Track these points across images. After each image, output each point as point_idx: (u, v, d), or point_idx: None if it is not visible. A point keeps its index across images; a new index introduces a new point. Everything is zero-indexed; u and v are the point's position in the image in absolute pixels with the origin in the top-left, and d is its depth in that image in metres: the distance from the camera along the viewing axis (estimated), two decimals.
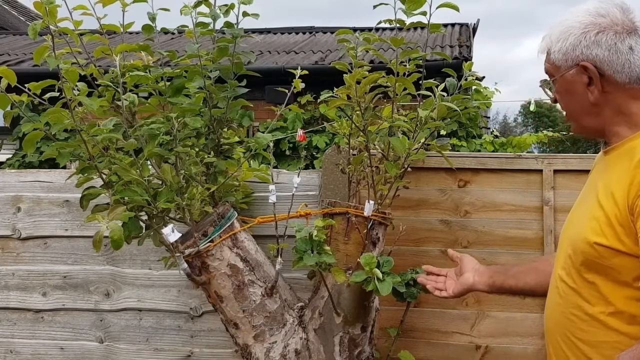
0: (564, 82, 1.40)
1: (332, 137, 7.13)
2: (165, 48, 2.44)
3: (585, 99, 1.38)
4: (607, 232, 1.26)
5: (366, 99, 2.04)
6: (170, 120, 1.99)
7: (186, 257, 1.99)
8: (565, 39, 1.37)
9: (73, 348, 2.60)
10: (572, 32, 1.36)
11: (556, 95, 1.45)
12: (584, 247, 1.31)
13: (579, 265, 1.34)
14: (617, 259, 1.26)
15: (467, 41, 8.81)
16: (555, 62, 1.40)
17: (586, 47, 1.34)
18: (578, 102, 1.39)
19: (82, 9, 1.93)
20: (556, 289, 1.42)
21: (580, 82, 1.37)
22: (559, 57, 1.39)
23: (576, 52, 1.35)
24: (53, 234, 2.62)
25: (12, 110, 1.97)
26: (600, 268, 1.29)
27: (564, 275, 1.39)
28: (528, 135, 7.89)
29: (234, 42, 2.09)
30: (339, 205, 2.10)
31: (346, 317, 2.06)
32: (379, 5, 1.98)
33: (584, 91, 1.37)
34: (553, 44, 1.40)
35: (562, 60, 1.38)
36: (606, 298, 1.30)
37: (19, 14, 14.70)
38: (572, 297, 1.36)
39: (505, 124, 38.67)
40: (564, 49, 1.37)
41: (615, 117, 1.37)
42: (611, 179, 1.31)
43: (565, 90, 1.41)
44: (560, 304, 1.40)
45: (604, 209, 1.29)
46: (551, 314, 1.45)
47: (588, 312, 1.33)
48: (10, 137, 8.13)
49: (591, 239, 1.29)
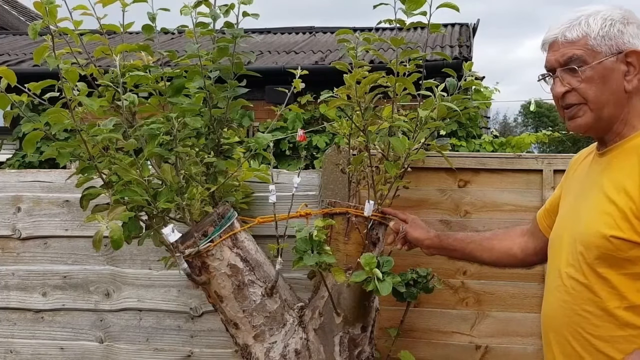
0: (602, 68, 1.37)
1: (332, 137, 7.13)
2: (165, 48, 2.44)
3: (620, 87, 1.37)
4: (623, 225, 1.29)
5: (366, 99, 2.05)
6: (170, 120, 1.99)
7: (186, 257, 1.99)
8: (611, 25, 1.37)
9: (73, 348, 2.60)
10: (615, 20, 1.37)
11: (580, 85, 1.39)
12: (599, 242, 1.32)
13: (592, 261, 1.35)
14: (634, 250, 1.28)
15: (467, 41, 8.82)
16: (596, 47, 1.37)
17: (631, 36, 1.36)
18: (612, 90, 1.38)
19: (82, 9, 1.93)
20: (562, 287, 1.42)
21: (619, 70, 1.37)
22: (601, 42, 1.37)
23: (624, 39, 1.36)
24: (53, 234, 2.62)
25: (12, 110, 1.97)
26: (615, 261, 1.31)
27: (572, 272, 1.39)
28: (527, 135, 7.88)
29: (234, 42, 2.09)
30: (339, 205, 2.10)
31: (346, 317, 2.06)
32: (379, 5, 1.98)
33: (621, 79, 1.37)
34: (593, 30, 1.37)
35: (606, 46, 1.37)
36: (620, 292, 1.31)
37: (19, 14, 14.70)
38: (584, 293, 1.37)
39: (505, 124, 38.68)
40: (611, 34, 1.36)
41: (629, 112, 1.39)
42: (619, 176, 1.34)
43: (600, 77, 1.38)
44: (569, 301, 1.40)
45: (617, 203, 1.31)
46: (556, 313, 1.45)
47: (602, 307, 1.34)
48: (10, 137, 8.14)
49: (607, 232, 1.31)
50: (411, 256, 2.41)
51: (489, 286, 2.41)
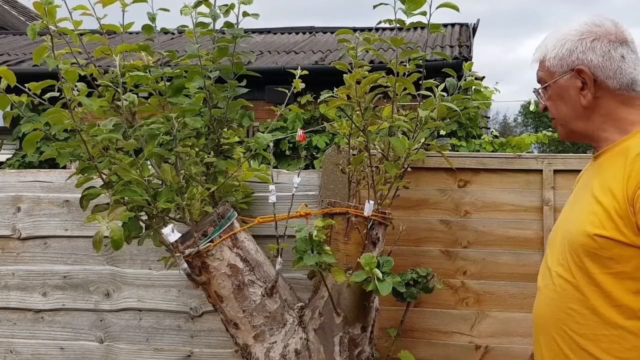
0: (558, 87, 1.47)
1: (332, 137, 7.13)
2: (165, 48, 2.44)
3: (577, 103, 1.45)
4: (607, 224, 1.32)
5: (366, 99, 2.05)
6: (170, 120, 1.99)
7: (186, 257, 1.99)
8: (561, 45, 1.45)
9: (73, 348, 2.60)
10: (568, 39, 1.44)
11: (547, 103, 1.51)
12: (583, 240, 1.35)
13: (579, 260, 1.37)
14: (617, 249, 1.31)
15: (467, 41, 8.81)
16: (550, 68, 1.47)
17: (582, 52, 1.42)
18: (570, 106, 1.46)
19: (81, 9, 1.93)
20: (551, 286, 1.45)
21: (573, 86, 1.44)
22: (554, 63, 1.46)
23: (572, 57, 1.43)
24: (53, 234, 2.62)
25: (12, 111, 1.97)
26: (600, 260, 1.33)
27: (561, 271, 1.42)
28: (527, 135, 7.88)
29: (234, 42, 2.09)
30: (339, 205, 2.10)
31: (346, 317, 2.06)
32: (379, 5, 1.98)
33: (577, 95, 1.44)
34: (549, 51, 1.47)
35: (558, 66, 1.45)
36: (605, 291, 1.33)
37: (19, 14, 14.69)
38: (571, 292, 1.39)
39: (505, 124, 38.66)
40: (560, 55, 1.45)
41: (605, 122, 1.44)
42: (606, 177, 1.37)
43: (557, 95, 1.47)
44: (555, 299, 1.43)
45: (602, 203, 1.34)
46: (543, 311, 1.48)
47: (587, 305, 1.36)
48: (10, 137, 8.13)
49: (590, 231, 1.34)
50: (411, 256, 2.42)
51: (489, 286, 2.41)
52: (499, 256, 2.41)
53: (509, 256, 2.40)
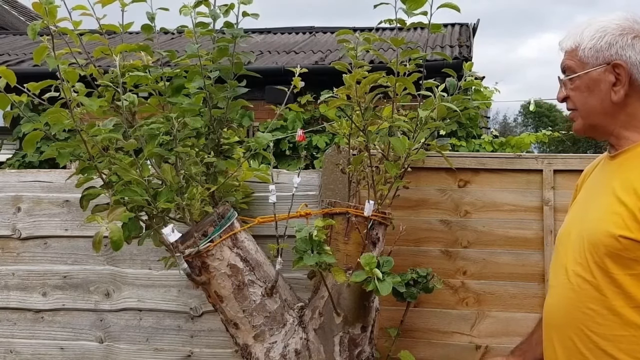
0: (589, 78, 1.43)
1: (332, 137, 7.12)
2: (165, 48, 2.44)
3: (607, 98, 1.42)
4: (632, 225, 1.31)
5: (366, 99, 2.04)
6: (170, 120, 1.99)
7: (186, 257, 1.99)
8: (600, 37, 1.41)
9: (73, 348, 2.60)
10: (609, 32, 1.41)
11: (570, 93, 1.47)
12: (607, 241, 1.34)
13: (600, 260, 1.36)
14: None
15: (467, 41, 8.81)
16: (583, 58, 1.43)
17: (622, 47, 1.40)
18: (598, 100, 1.43)
19: (81, 9, 1.93)
20: (568, 284, 1.43)
21: (606, 80, 1.41)
22: (589, 54, 1.42)
23: (611, 51, 1.40)
24: (53, 234, 2.62)
25: (12, 110, 1.97)
26: (623, 261, 1.32)
27: (579, 270, 1.41)
28: (527, 134, 7.87)
29: (233, 42, 2.09)
30: (339, 205, 2.10)
31: (346, 317, 2.06)
32: (379, 5, 1.98)
33: (608, 90, 1.41)
34: (584, 41, 1.43)
35: (593, 58, 1.42)
36: (626, 292, 1.32)
37: (19, 14, 14.68)
38: (590, 292, 1.38)
39: (505, 124, 38.67)
40: (598, 47, 1.41)
41: (629, 121, 1.42)
42: (630, 177, 1.36)
43: (586, 87, 1.44)
44: (573, 299, 1.41)
45: (627, 204, 1.33)
46: (560, 309, 1.46)
47: (607, 306, 1.35)
48: (10, 137, 8.13)
49: (615, 232, 1.32)
50: (411, 256, 2.42)
51: (489, 286, 2.41)
52: (499, 256, 2.41)
53: (509, 256, 2.40)
